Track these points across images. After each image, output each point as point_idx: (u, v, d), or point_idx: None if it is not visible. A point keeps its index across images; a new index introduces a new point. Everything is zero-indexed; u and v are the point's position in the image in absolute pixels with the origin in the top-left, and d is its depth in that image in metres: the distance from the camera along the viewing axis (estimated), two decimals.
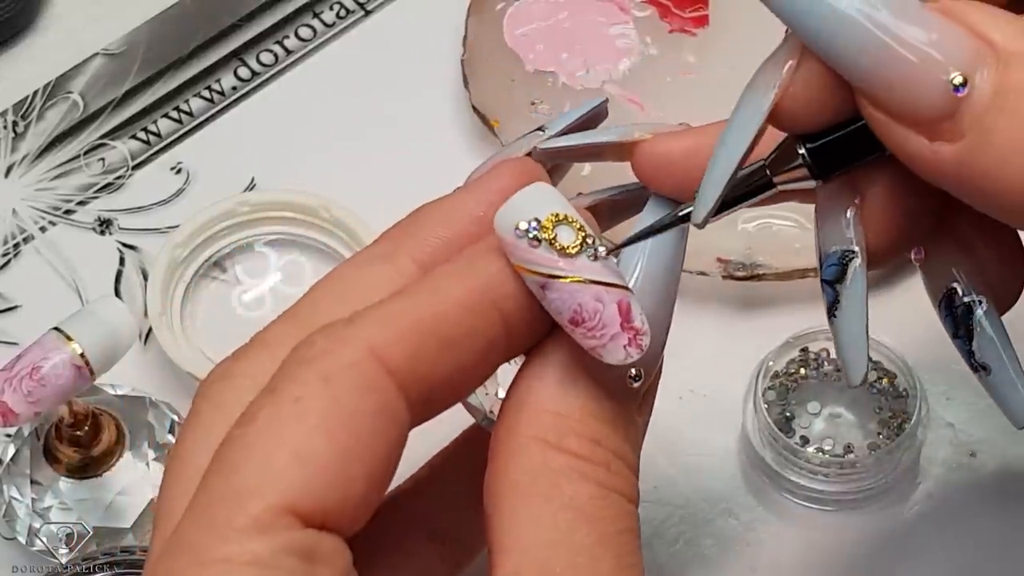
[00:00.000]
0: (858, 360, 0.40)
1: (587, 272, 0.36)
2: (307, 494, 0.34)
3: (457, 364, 0.37)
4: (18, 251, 0.63)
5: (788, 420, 0.57)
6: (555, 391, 0.37)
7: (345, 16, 0.68)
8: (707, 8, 0.65)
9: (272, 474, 0.34)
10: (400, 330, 0.36)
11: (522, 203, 0.37)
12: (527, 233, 0.36)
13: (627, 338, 0.36)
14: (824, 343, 0.57)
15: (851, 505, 0.56)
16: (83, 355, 0.50)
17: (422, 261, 0.39)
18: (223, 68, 0.67)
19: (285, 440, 0.34)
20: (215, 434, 0.36)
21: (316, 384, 0.35)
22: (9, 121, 0.66)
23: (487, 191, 0.40)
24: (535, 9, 0.66)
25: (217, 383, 0.38)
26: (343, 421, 0.35)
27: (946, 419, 0.58)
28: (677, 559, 0.55)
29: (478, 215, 0.40)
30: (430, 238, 0.40)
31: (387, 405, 0.35)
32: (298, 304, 0.39)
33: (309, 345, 0.36)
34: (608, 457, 0.37)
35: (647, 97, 0.63)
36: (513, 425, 0.37)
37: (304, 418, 0.35)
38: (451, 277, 0.37)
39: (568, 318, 0.36)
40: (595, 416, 0.37)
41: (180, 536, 0.34)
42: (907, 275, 0.61)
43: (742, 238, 0.60)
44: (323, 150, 0.65)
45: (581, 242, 0.37)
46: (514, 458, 0.37)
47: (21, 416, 0.50)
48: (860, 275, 0.39)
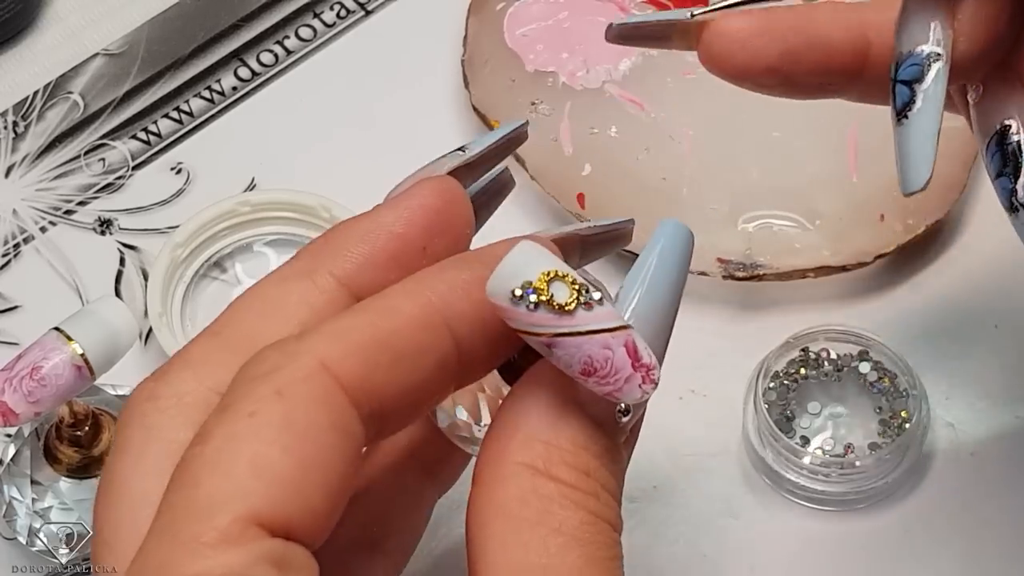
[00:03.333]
0: (925, 162, 0.41)
1: (589, 323, 0.36)
2: (270, 504, 0.34)
3: (409, 381, 0.37)
4: (18, 251, 0.63)
5: (788, 420, 0.57)
6: (546, 421, 0.38)
7: (345, 16, 0.68)
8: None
9: (234, 487, 0.34)
10: (352, 345, 0.36)
11: (512, 268, 0.36)
12: (523, 300, 0.36)
13: (640, 377, 0.37)
14: (824, 343, 0.58)
15: (851, 505, 0.56)
16: (83, 355, 0.50)
17: (341, 277, 0.39)
18: (223, 68, 0.67)
19: (244, 454, 0.34)
20: (148, 457, 0.37)
21: (270, 398, 0.35)
22: (9, 121, 0.66)
23: (406, 208, 0.40)
24: (535, 9, 0.66)
25: (142, 405, 0.38)
26: (299, 434, 0.35)
27: (946, 419, 0.58)
28: (677, 559, 0.55)
29: (397, 232, 0.40)
30: (349, 254, 0.40)
31: (341, 418, 0.35)
32: (218, 321, 0.39)
33: (260, 361, 0.36)
34: (597, 488, 0.37)
35: (647, 97, 0.63)
36: (502, 452, 0.37)
37: (260, 432, 0.34)
38: (403, 295, 0.37)
39: (579, 371, 0.37)
40: (585, 448, 0.38)
41: (146, 557, 0.34)
42: (907, 275, 0.61)
43: (742, 238, 0.60)
44: (323, 150, 0.65)
45: (576, 295, 0.37)
46: (503, 483, 0.37)
47: (21, 416, 0.50)
48: (942, 77, 0.40)
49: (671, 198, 0.61)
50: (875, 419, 0.57)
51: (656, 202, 0.61)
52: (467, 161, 0.42)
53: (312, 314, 0.39)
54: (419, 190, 0.41)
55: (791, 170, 0.62)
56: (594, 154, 0.62)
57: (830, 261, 0.60)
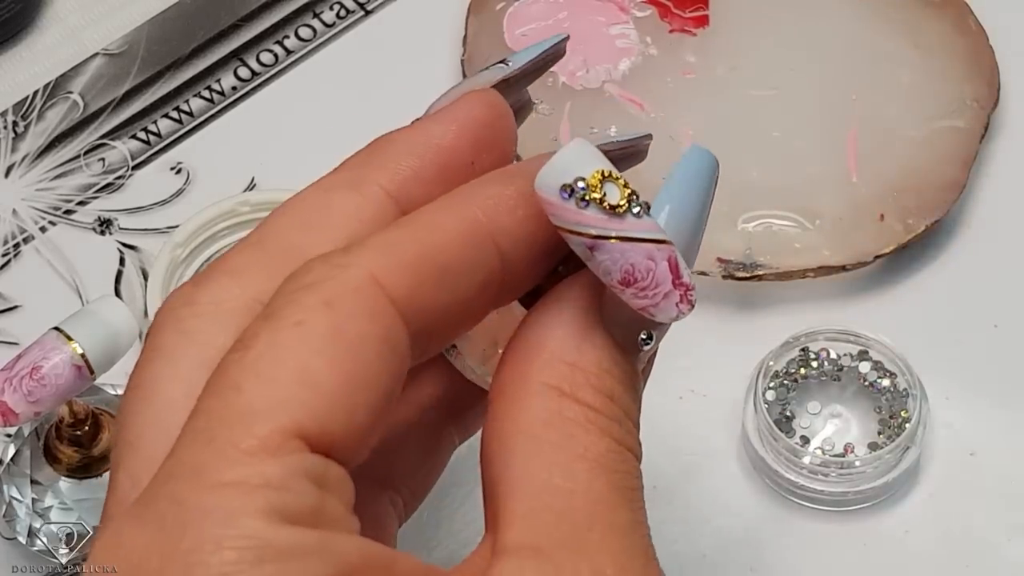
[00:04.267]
0: None
1: (637, 230, 0.35)
2: (314, 418, 0.32)
3: (455, 298, 0.35)
4: (18, 251, 0.63)
5: (788, 420, 0.57)
6: (572, 342, 0.36)
7: (345, 16, 0.68)
8: (707, 8, 0.65)
9: (277, 396, 0.32)
10: (401, 259, 0.35)
11: (565, 162, 0.35)
12: (575, 194, 0.35)
13: (679, 295, 0.36)
14: (824, 343, 0.57)
15: (851, 505, 0.56)
16: (83, 355, 0.50)
17: (389, 190, 0.38)
18: (223, 68, 0.67)
19: (289, 363, 0.33)
20: (185, 362, 0.35)
21: (318, 308, 0.33)
22: (9, 121, 0.66)
23: (454, 120, 0.39)
24: (535, 9, 0.66)
25: (179, 309, 0.36)
26: (348, 346, 0.33)
27: (946, 419, 0.58)
28: (677, 559, 0.55)
29: (446, 144, 0.39)
30: (399, 167, 0.38)
31: (390, 333, 0.34)
32: (259, 230, 0.38)
33: (307, 271, 0.34)
34: (620, 414, 0.36)
35: (647, 97, 0.63)
36: (524, 371, 0.36)
37: (308, 341, 0.33)
38: (448, 210, 0.36)
39: (619, 279, 0.35)
40: (609, 372, 0.36)
41: (178, 460, 0.32)
42: (907, 275, 0.61)
43: (742, 238, 0.60)
44: (323, 150, 0.65)
45: (628, 199, 0.35)
46: (526, 404, 0.36)
47: (21, 416, 0.50)
48: None
49: None
50: (875, 419, 0.57)
51: None
52: (510, 75, 0.41)
53: (360, 226, 0.37)
54: (466, 103, 0.39)
55: (791, 170, 0.62)
56: None
57: (830, 261, 0.60)
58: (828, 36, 0.64)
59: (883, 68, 0.63)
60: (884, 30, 0.64)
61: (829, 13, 0.64)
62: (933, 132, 0.62)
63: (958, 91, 0.63)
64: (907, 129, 0.62)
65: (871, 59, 0.64)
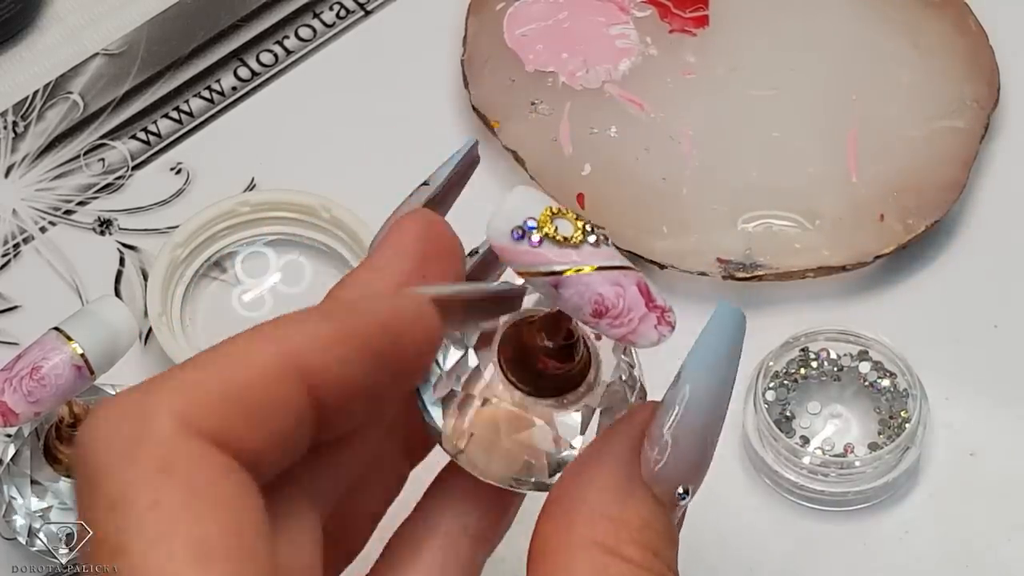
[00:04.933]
0: None
1: (597, 259, 0.35)
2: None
3: (270, 432, 0.33)
4: (18, 251, 0.63)
5: (788, 420, 0.57)
6: (613, 497, 0.36)
7: (345, 16, 0.68)
8: (707, 8, 0.65)
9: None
10: (203, 397, 0.32)
11: (512, 207, 0.35)
12: (525, 236, 0.35)
13: (655, 317, 0.35)
14: (824, 343, 0.58)
15: (851, 505, 0.56)
16: (83, 355, 0.50)
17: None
18: (223, 68, 0.67)
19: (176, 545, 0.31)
20: None
21: (162, 481, 0.31)
22: (9, 121, 0.66)
23: (397, 246, 0.38)
24: (535, 9, 0.66)
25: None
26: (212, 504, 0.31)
27: (946, 419, 0.58)
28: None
29: (395, 275, 0.37)
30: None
31: (233, 475, 0.32)
32: None
33: (113, 425, 0.32)
34: (664, 569, 0.36)
35: (647, 97, 0.63)
36: (568, 526, 0.36)
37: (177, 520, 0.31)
38: (259, 343, 0.33)
39: (590, 311, 0.35)
40: (651, 527, 0.36)
41: None
42: (907, 275, 0.61)
43: (742, 238, 0.60)
44: (323, 150, 0.65)
45: (582, 231, 0.35)
46: (572, 561, 0.35)
47: (21, 416, 0.50)
48: None
49: (671, 198, 0.61)
50: (875, 419, 0.57)
51: (656, 202, 0.61)
52: (435, 194, 0.40)
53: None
54: (398, 227, 0.38)
55: (791, 170, 0.62)
56: (594, 154, 0.62)
57: (830, 261, 0.60)
58: (828, 36, 0.64)
59: (883, 68, 0.63)
60: (884, 30, 0.64)
61: (829, 13, 0.64)
62: (933, 132, 0.62)
63: (958, 91, 0.63)
64: (907, 129, 0.62)
65: (871, 59, 0.64)
